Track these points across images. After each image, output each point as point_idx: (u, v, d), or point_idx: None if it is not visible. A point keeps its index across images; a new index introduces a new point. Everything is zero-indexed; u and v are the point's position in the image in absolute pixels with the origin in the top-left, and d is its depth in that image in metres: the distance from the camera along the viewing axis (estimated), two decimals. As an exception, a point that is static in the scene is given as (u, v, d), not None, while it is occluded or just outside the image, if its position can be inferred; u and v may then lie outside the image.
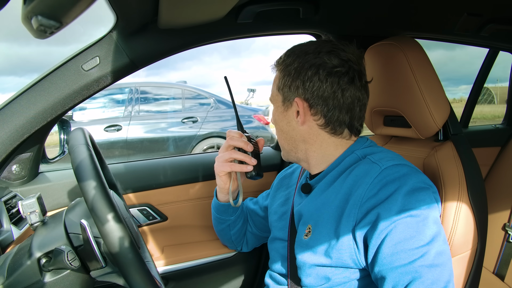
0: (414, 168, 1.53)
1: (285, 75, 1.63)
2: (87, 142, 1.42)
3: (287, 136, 1.70)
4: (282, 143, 1.76)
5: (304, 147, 1.69)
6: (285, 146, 1.75)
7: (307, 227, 1.63)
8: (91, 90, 1.89)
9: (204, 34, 2.03)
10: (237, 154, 1.83)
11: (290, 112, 1.65)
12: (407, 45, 1.79)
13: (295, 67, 1.60)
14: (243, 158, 1.82)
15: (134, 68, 1.93)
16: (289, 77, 1.62)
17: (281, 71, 1.65)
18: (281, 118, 1.70)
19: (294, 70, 1.61)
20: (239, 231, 2.22)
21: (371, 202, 1.43)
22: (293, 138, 1.69)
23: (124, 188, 2.38)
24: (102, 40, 1.86)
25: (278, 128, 1.73)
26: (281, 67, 1.66)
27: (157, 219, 2.49)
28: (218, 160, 1.88)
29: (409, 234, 1.36)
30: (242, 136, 1.87)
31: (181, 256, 2.50)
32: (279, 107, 1.69)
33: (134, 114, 9.29)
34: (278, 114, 1.70)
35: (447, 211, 1.66)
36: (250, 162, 1.82)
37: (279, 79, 1.66)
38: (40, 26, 0.68)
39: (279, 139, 1.75)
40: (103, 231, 1.18)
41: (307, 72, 1.59)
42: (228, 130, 1.89)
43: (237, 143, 1.83)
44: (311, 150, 1.69)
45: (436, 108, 1.78)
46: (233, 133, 1.88)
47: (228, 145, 1.85)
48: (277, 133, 1.76)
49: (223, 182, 1.94)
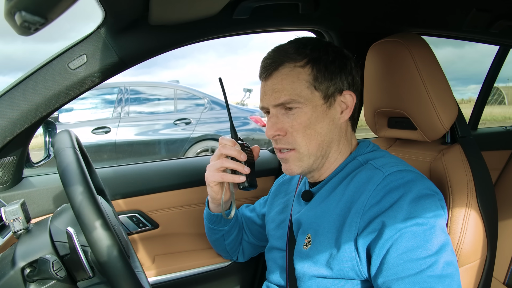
0: (419, 174, 1.53)
1: (319, 69, 1.58)
2: (73, 145, 1.42)
3: (325, 139, 1.62)
4: (311, 151, 1.62)
5: (334, 148, 1.67)
6: (314, 153, 1.63)
7: (307, 236, 1.63)
8: (78, 90, 1.89)
9: (198, 31, 2.03)
10: (229, 163, 1.78)
11: (333, 109, 1.62)
12: (412, 42, 1.78)
13: (331, 60, 1.59)
14: (236, 167, 1.77)
15: (124, 66, 1.93)
16: (328, 71, 1.59)
17: (310, 67, 1.59)
18: (321, 118, 1.60)
19: (331, 63, 1.59)
20: (234, 240, 2.21)
21: (374, 210, 1.43)
22: (330, 139, 1.64)
23: (113, 194, 2.38)
24: (89, 37, 1.86)
25: (313, 132, 1.60)
26: (306, 61, 1.59)
27: (147, 227, 2.48)
28: (209, 169, 1.85)
29: (416, 243, 1.35)
30: (235, 144, 1.82)
31: (173, 266, 2.49)
32: (317, 106, 1.59)
33: (123, 115, 9.28)
34: (317, 115, 1.59)
35: (455, 219, 1.66)
36: (243, 171, 1.77)
37: (308, 75, 1.58)
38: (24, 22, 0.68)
39: (308, 146, 1.62)
40: (90, 239, 1.18)
41: (346, 63, 1.61)
42: (220, 137, 1.85)
43: (230, 151, 1.78)
44: (337, 150, 1.68)
45: (443, 109, 1.78)
46: (226, 141, 1.82)
47: (220, 153, 1.81)
48: (306, 139, 1.60)
49: (214, 192, 1.91)
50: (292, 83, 1.57)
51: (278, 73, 1.60)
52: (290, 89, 1.57)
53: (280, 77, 1.59)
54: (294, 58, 1.59)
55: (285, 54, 1.60)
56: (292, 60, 1.59)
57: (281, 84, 1.59)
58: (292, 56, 1.59)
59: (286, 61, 1.59)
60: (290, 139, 1.61)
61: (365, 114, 2.15)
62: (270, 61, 1.63)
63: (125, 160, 9.00)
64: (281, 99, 1.58)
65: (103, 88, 9.22)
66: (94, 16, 1.81)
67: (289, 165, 1.66)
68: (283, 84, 1.58)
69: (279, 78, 1.59)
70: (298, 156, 1.63)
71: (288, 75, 1.58)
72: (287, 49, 1.61)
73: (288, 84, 1.58)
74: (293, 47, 1.61)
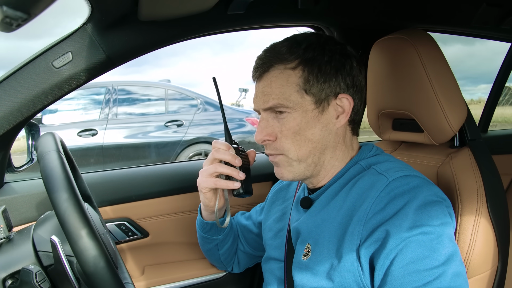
0: (426, 180, 1.52)
1: (311, 71, 1.56)
2: (58, 148, 1.42)
3: (317, 146, 1.61)
4: (302, 156, 1.61)
5: (329, 155, 1.65)
6: (304, 160, 1.62)
7: (306, 246, 1.62)
8: (62, 90, 1.88)
9: (191, 26, 2.02)
10: (222, 168, 1.76)
11: (327, 114, 1.60)
12: (418, 39, 1.79)
13: (326, 60, 1.57)
14: (230, 173, 1.75)
15: (112, 65, 1.93)
16: (322, 73, 1.56)
17: (302, 69, 1.56)
18: (312, 124, 1.58)
19: (326, 64, 1.57)
20: (228, 250, 2.20)
21: (377, 218, 1.42)
22: (324, 146, 1.62)
23: (100, 201, 2.37)
24: (75, 34, 1.85)
25: (303, 139, 1.59)
26: (297, 62, 1.57)
27: (137, 235, 2.48)
28: (202, 174, 1.83)
29: (423, 253, 1.34)
30: (229, 148, 1.80)
31: (164, 277, 2.49)
32: (307, 111, 1.57)
33: (111, 117, 9.27)
34: (307, 120, 1.57)
35: (464, 227, 1.66)
36: (238, 176, 1.75)
37: (299, 77, 1.56)
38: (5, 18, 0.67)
39: (297, 153, 1.60)
40: (76, 249, 1.18)
41: (345, 63, 1.59)
42: (214, 141, 1.84)
43: (223, 156, 1.76)
44: (333, 157, 1.66)
45: (452, 110, 1.78)
46: (219, 145, 1.80)
47: (213, 158, 1.79)
48: (296, 145, 1.59)
49: (207, 199, 1.89)
50: (280, 86, 1.57)
51: (268, 75, 1.60)
52: (278, 93, 1.57)
53: (270, 80, 1.59)
54: (285, 59, 1.57)
55: (276, 55, 1.59)
56: (283, 62, 1.57)
57: (270, 87, 1.58)
58: (284, 56, 1.57)
59: (276, 62, 1.58)
60: (279, 145, 1.60)
61: (368, 116, 2.14)
62: (260, 62, 1.62)
63: (113, 165, 8.99)
64: (270, 103, 1.58)
65: (89, 88, 9.21)
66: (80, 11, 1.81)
67: (280, 169, 1.66)
68: (272, 87, 1.58)
69: (269, 81, 1.59)
70: (287, 160, 1.62)
71: (277, 78, 1.58)
72: (280, 48, 1.60)
73: (276, 88, 1.57)
74: (287, 46, 1.59)
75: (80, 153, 8.73)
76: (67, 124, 8.99)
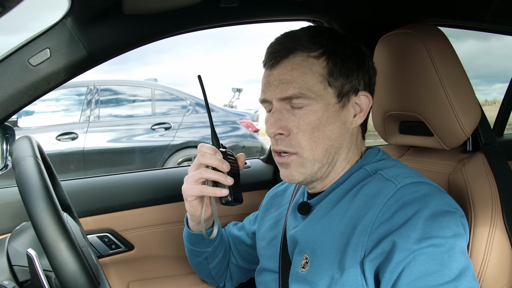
0: (437, 187, 1.52)
1: (335, 63, 1.56)
2: (35, 153, 1.42)
3: (334, 144, 1.61)
4: (318, 155, 1.60)
5: (343, 155, 1.66)
6: (320, 159, 1.61)
7: (304, 257, 1.61)
8: (40, 90, 1.88)
9: (180, 21, 2.02)
10: (208, 173, 1.72)
11: (346, 110, 1.61)
12: (428, 35, 1.79)
13: (349, 54, 1.59)
14: (217, 178, 1.72)
15: (93, 62, 1.92)
16: (345, 67, 1.58)
17: (326, 59, 1.57)
18: (332, 119, 1.58)
19: (349, 58, 1.58)
20: (219, 263, 2.18)
21: (384, 228, 1.41)
22: (340, 145, 1.62)
23: (81, 210, 2.36)
24: (53, 29, 1.84)
25: (321, 135, 1.58)
26: (321, 52, 1.57)
27: (121, 248, 2.48)
28: (187, 181, 1.80)
29: (432, 267, 1.33)
30: (216, 152, 1.77)
31: (150, 294, 2.48)
32: (329, 105, 1.57)
33: (93, 119, 9.27)
34: (328, 115, 1.57)
35: (478, 239, 1.65)
36: (226, 182, 1.72)
37: (323, 68, 1.56)
38: (-22, 10, 0.67)
39: (313, 151, 1.59)
40: (54, 263, 1.18)
41: (365, 61, 1.61)
42: (199, 145, 1.80)
43: (209, 161, 1.73)
44: (346, 158, 1.67)
45: (464, 112, 1.78)
46: (205, 149, 1.77)
47: (198, 163, 1.76)
48: (313, 143, 1.58)
49: (193, 208, 1.86)
50: (303, 74, 1.55)
51: (288, 62, 1.57)
52: (300, 82, 1.55)
53: (290, 67, 1.56)
54: (308, 46, 1.57)
55: (298, 41, 1.58)
56: (306, 49, 1.57)
57: (290, 75, 1.56)
58: (306, 44, 1.57)
59: (299, 48, 1.57)
60: (294, 141, 1.58)
61: (373, 118, 2.14)
62: (279, 47, 1.60)
63: (94, 171, 8.98)
64: (289, 92, 1.55)
65: (69, 87, 9.21)
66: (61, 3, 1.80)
67: (289, 170, 1.63)
68: (292, 74, 1.56)
69: (289, 68, 1.56)
70: (300, 161, 1.60)
71: (299, 65, 1.56)
72: (301, 35, 1.59)
73: (298, 76, 1.55)
74: (307, 34, 1.59)
75: (59, 159, 8.73)
76: (45, 127, 8.99)
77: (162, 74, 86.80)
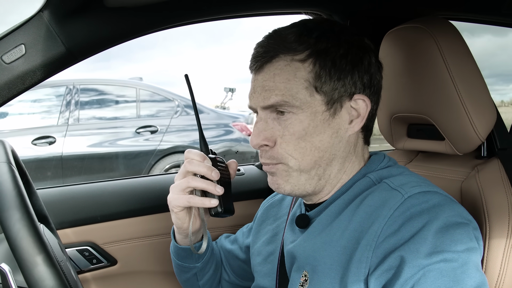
0: (448, 197, 1.50)
1: (324, 65, 1.52)
2: (8, 159, 1.41)
3: (324, 155, 1.57)
4: (304, 166, 1.57)
5: (336, 167, 1.62)
6: (307, 171, 1.58)
7: (303, 274, 1.60)
8: (14, 90, 1.87)
9: (167, 14, 2.00)
10: (196, 182, 1.70)
11: (339, 117, 1.57)
12: (438, 29, 1.79)
13: (342, 53, 1.54)
14: (205, 187, 1.69)
15: (73, 59, 1.91)
16: (336, 68, 1.53)
17: (313, 62, 1.52)
18: (320, 129, 1.54)
19: (341, 58, 1.54)
20: (210, 280, 2.15)
21: (390, 242, 1.39)
22: (332, 156, 1.59)
23: (59, 222, 2.36)
24: (29, 23, 1.83)
25: (308, 146, 1.55)
26: (307, 54, 1.52)
27: (102, 263, 2.47)
28: (173, 190, 1.77)
29: (444, 284, 1.31)
30: (204, 159, 1.75)
31: (135, 314, 2.48)
32: (317, 113, 1.53)
33: (72, 122, 9.26)
34: (315, 124, 1.53)
35: (493, 253, 1.65)
36: (215, 192, 1.69)
37: (309, 72, 1.52)
38: None
39: (300, 162, 1.57)
40: (30, 279, 1.17)
41: (362, 58, 1.57)
42: (186, 151, 1.78)
43: (197, 168, 1.71)
44: (341, 170, 1.64)
45: (478, 114, 1.77)
46: (192, 155, 1.75)
47: (185, 170, 1.74)
48: (298, 154, 1.56)
49: (180, 220, 1.83)
50: (287, 81, 1.52)
51: (271, 67, 1.55)
52: (283, 89, 1.52)
53: (273, 72, 1.54)
54: (293, 48, 1.53)
55: (282, 43, 1.54)
56: (290, 51, 1.53)
57: (273, 81, 1.53)
58: (291, 45, 1.53)
59: (282, 52, 1.54)
60: (277, 152, 1.57)
61: (378, 121, 2.14)
62: (262, 50, 1.57)
63: (74, 179, 8.97)
64: (271, 100, 1.54)
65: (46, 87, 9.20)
66: (39, -5, 1.80)
67: (276, 178, 1.62)
68: (275, 81, 1.53)
69: (271, 74, 1.54)
70: (286, 169, 1.59)
71: (282, 71, 1.53)
72: (286, 35, 1.55)
73: (281, 82, 1.52)
74: (295, 33, 1.55)
75: (35, 165, 8.71)
76: (20, 130, 8.97)
77: (149, 72, 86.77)
